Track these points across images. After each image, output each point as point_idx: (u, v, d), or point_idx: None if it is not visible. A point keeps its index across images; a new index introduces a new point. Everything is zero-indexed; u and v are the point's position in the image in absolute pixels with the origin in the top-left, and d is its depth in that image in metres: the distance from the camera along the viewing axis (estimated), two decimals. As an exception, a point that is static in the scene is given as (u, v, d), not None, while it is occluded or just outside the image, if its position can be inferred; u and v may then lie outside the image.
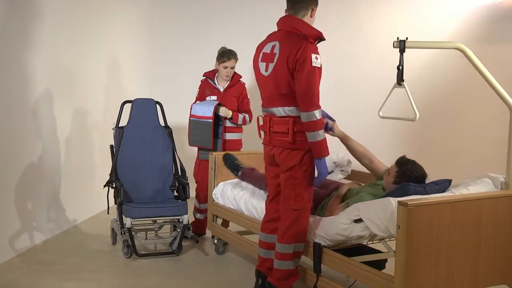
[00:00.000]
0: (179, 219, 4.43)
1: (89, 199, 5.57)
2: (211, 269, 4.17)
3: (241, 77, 4.95)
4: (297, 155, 3.25)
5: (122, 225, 4.33)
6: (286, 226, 3.31)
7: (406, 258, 2.64)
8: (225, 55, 4.78)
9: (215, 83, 4.90)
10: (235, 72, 4.89)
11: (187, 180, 4.60)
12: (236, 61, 4.83)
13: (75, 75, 5.29)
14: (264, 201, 3.72)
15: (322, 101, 3.19)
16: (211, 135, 4.67)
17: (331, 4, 6.18)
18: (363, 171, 4.11)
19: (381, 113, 3.41)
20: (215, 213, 4.48)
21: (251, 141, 4.93)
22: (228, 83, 4.88)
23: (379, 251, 3.38)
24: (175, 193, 4.66)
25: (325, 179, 3.30)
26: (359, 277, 3.07)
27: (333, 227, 3.21)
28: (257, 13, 6.50)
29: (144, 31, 6.85)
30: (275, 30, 3.40)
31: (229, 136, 4.85)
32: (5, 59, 4.14)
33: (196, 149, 5.00)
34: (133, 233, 4.32)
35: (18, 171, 4.35)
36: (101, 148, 5.47)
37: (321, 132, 3.17)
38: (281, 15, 3.37)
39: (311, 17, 3.31)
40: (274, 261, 3.38)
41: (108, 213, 4.61)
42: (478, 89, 4.77)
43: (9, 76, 4.19)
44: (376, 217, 2.96)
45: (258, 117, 3.54)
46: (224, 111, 4.73)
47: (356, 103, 6.28)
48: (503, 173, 3.21)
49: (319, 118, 3.15)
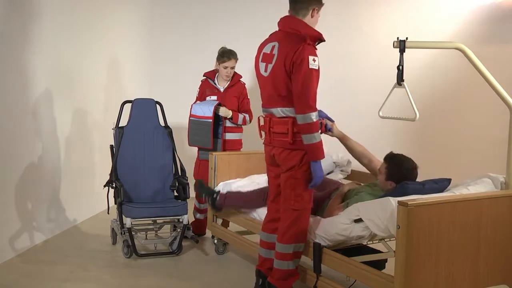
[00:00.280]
0: (179, 219, 4.43)
1: (89, 199, 5.57)
2: (211, 269, 4.17)
3: (241, 77, 4.94)
4: (297, 155, 3.24)
5: (122, 225, 4.33)
6: (286, 226, 3.31)
7: (406, 258, 2.64)
8: (225, 55, 4.77)
9: (215, 83, 4.90)
10: (235, 72, 4.89)
11: (187, 180, 4.60)
12: (236, 61, 4.83)
13: (75, 75, 5.29)
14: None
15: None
16: (211, 135, 4.67)
17: (331, 4, 6.11)
18: (363, 171, 4.10)
19: (381, 113, 3.41)
20: (215, 213, 4.48)
21: (251, 141, 4.92)
22: (228, 83, 4.87)
23: (379, 251, 3.38)
24: (175, 193, 4.66)
25: (319, 183, 3.25)
26: (359, 277, 3.07)
27: (333, 227, 3.22)
28: (257, 13, 6.50)
29: (144, 31, 6.85)
30: (276, 29, 3.38)
31: (229, 136, 4.85)
32: (5, 59, 4.14)
33: (196, 149, 5.00)
34: (133, 233, 4.32)
35: (18, 171, 4.35)
36: (101, 148, 5.46)
37: (316, 134, 3.14)
38: (281, 15, 3.34)
39: (312, 17, 3.27)
40: (274, 261, 3.38)
41: (108, 213, 4.61)
42: (478, 89, 4.77)
43: (9, 76, 4.19)
44: (376, 217, 2.96)
45: (258, 117, 3.53)
46: (224, 111, 4.73)
47: (356, 103, 6.28)
48: (503, 173, 3.21)
49: (315, 120, 3.12)
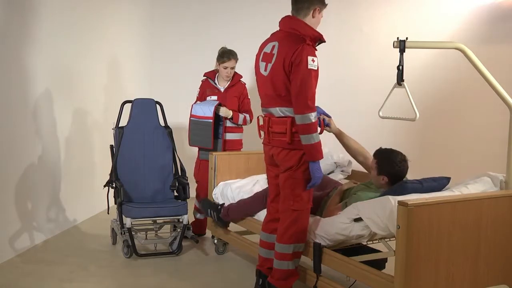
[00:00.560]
0: (179, 219, 4.43)
1: (89, 199, 5.57)
2: (211, 269, 4.17)
3: (241, 77, 4.94)
4: (295, 155, 3.23)
5: (122, 225, 4.33)
6: (285, 226, 3.30)
7: (406, 258, 2.64)
8: (225, 55, 4.77)
9: (215, 83, 4.90)
10: (235, 72, 4.89)
11: (187, 180, 4.60)
12: (236, 61, 4.82)
13: (75, 75, 5.28)
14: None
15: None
16: (211, 135, 4.67)
17: (331, 4, 6.13)
18: (363, 171, 4.10)
19: (381, 113, 3.41)
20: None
21: (251, 141, 4.92)
22: (228, 83, 4.87)
23: (379, 251, 3.38)
24: (175, 193, 4.66)
25: (318, 183, 3.24)
26: (359, 277, 3.07)
27: (333, 226, 3.22)
28: (257, 13, 6.50)
29: (144, 31, 6.85)
30: (276, 29, 3.37)
31: (230, 136, 4.85)
32: (5, 59, 4.14)
33: (196, 149, 5.00)
34: (133, 233, 4.32)
35: (18, 171, 4.35)
36: (101, 148, 5.46)
37: (315, 135, 3.13)
38: (282, 15, 3.34)
39: (314, 17, 3.25)
40: (274, 261, 3.38)
41: (108, 213, 4.61)
42: (478, 89, 4.77)
43: (9, 76, 4.19)
44: (375, 215, 2.96)
45: (258, 117, 3.53)
46: (224, 111, 4.73)
47: (356, 103, 6.28)
48: (503, 173, 3.21)
49: (313, 120, 3.11)
